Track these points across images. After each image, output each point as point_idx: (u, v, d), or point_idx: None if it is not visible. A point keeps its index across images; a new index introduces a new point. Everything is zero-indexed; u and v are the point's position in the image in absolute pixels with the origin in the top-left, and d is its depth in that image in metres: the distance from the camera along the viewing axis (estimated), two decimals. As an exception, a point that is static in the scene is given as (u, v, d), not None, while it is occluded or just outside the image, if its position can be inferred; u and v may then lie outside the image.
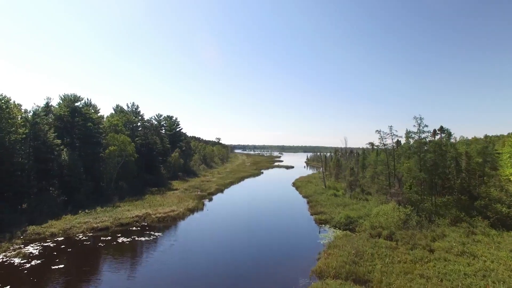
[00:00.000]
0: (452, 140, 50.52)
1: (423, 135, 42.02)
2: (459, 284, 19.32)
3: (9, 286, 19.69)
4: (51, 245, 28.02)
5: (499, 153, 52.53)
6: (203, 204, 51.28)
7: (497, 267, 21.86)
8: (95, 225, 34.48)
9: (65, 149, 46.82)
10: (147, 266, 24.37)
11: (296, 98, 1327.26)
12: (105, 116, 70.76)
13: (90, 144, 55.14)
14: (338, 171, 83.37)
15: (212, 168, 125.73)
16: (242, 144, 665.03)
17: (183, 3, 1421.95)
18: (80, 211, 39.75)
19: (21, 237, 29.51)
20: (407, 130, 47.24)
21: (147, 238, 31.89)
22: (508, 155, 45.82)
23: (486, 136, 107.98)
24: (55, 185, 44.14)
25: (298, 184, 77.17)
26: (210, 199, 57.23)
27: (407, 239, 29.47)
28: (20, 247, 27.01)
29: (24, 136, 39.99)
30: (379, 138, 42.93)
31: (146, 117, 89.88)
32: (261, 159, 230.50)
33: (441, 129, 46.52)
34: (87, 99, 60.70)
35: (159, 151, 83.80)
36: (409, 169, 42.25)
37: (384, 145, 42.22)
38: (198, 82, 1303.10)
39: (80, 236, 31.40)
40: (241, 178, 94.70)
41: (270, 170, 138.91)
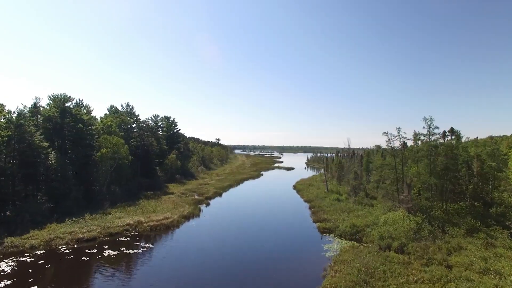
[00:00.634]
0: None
1: (433, 137, 39.51)
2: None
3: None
4: (28, 260, 25.38)
5: (505, 155, 49.86)
6: (200, 210, 48.65)
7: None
8: (81, 236, 31.84)
9: (53, 152, 44.16)
10: (133, 286, 21.76)
11: (296, 98, 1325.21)
12: (100, 117, 68.24)
13: (82, 147, 52.60)
14: (341, 174, 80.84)
15: (211, 170, 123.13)
16: (242, 145, 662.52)
17: (183, 3, 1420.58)
18: (67, 219, 37.10)
19: (-3, 251, 26.95)
20: (415, 132, 44.73)
21: (137, 251, 29.26)
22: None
23: (492, 137, 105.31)
24: (42, 191, 41.58)
25: (299, 187, 74.57)
26: (207, 204, 54.62)
27: (421, 252, 26.86)
28: (-7, 263, 24.44)
29: (7, 139, 37.34)
30: (387, 141, 40.42)
31: (143, 118, 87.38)
32: (261, 160, 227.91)
33: (451, 131, 43.95)
34: (79, 99, 58.22)
35: (156, 153, 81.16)
36: (418, 174, 39.65)
37: (392, 148, 39.61)
38: (198, 82, 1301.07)
39: (63, 249, 28.76)
40: (240, 181, 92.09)
41: (270, 172, 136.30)
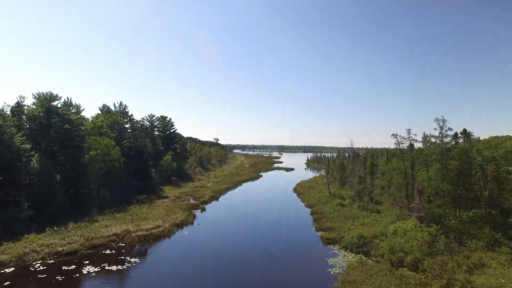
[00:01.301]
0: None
1: (446, 140, 36.55)
2: None
3: None
4: (-7, 282, 22.36)
5: None
6: (194, 217, 45.60)
7: None
8: (60, 249, 28.77)
9: (36, 155, 41.07)
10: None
11: (296, 98, 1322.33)
12: (91, 117, 65.18)
13: (71, 148, 49.62)
14: (343, 176, 77.86)
15: (209, 171, 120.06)
16: (242, 144, 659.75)
17: (182, 3, 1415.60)
18: (48, 229, 33.97)
19: (-38, 268, 23.89)
20: (425, 134, 41.75)
21: (120, 267, 26.21)
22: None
23: (497, 138, 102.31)
24: (23, 197, 38.50)
25: (300, 190, 71.56)
26: (203, 210, 51.56)
27: (438, 270, 23.91)
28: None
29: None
30: (395, 143, 37.47)
31: (139, 118, 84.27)
32: (260, 160, 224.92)
33: (464, 133, 40.99)
34: (67, 98, 55.10)
35: (150, 154, 78.15)
36: (429, 179, 36.69)
37: (401, 151, 36.64)
38: (198, 82, 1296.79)
39: (37, 265, 25.71)
40: (239, 183, 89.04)
41: (270, 173, 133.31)
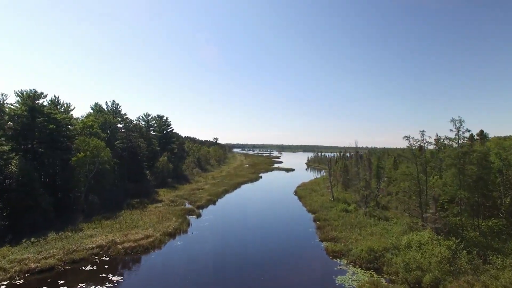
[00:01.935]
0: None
1: (461, 142, 33.39)
2: None
3: None
4: None
5: None
6: (189, 224, 42.40)
7: None
8: (34, 265, 25.51)
9: (16, 157, 37.81)
10: None
11: (296, 98, 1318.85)
12: (82, 116, 61.93)
13: (59, 150, 46.41)
14: (346, 178, 74.69)
15: (207, 172, 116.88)
16: (241, 144, 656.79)
17: (182, 2, 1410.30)
18: (25, 240, 30.78)
19: None
20: (437, 135, 38.60)
21: (99, 288, 23.02)
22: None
23: (505, 138, 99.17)
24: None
25: (301, 194, 68.36)
26: (198, 216, 48.32)
27: (464, 294, 20.74)
28: None
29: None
30: (408, 146, 34.26)
31: (134, 118, 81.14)
32: (260, 160, 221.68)
33: (481, 135, 37.77)
34: (54, 97, 51.73)
35: (144, 156, 74.97)
36: (444, 185, 33.51)
37: (415, 155, 33.43)
38: (197, 81, 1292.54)
39: (3, 287, 22.49)
40: (237, 185, 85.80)
41: (269, 174, 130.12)
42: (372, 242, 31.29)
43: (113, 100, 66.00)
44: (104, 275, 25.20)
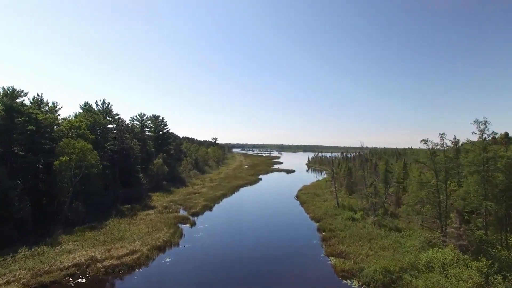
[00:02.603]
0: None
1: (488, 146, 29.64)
2: None
3: None
4: None
5: None
6: (181, 235, 38.64)
7: None
8: (-7, 292, 21.82)
9: (-11, 163, 34.11)
10: None
11: (296, 97, 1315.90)
12: (69, 116, 58.12)
13: (40, 153, 42.71)
14: (350, 181, 71.03)
15: (205, 174, 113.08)
16: (241, 143, 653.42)
17: (182, 2, 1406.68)
18: (-10, 258, 27.07)
19: None
20: (455, 138, 34.89)
21: (67, 323, 19.26)
22: None
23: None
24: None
25: (303, 198, 64.56)
26: (192, 224, 44.53)
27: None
28: None
29: None
30: (428, 151, 30.52)
31: (129, 117, 77.31)
32: (260, 161, 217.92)
33: (505, 137, 34.04)
34: (38, 95, 47.90)
35: (138, 157, 71.22)
36: (467, 194, 29.78)
37: (434, 161, 29.70)
38: (197, 81, 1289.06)
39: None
40: (236, 188, 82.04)
41: (269, 175, 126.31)
42: (386, 260, 27.58)
43: (104, 99, 62.19)
44: (76, 304, 21.46)
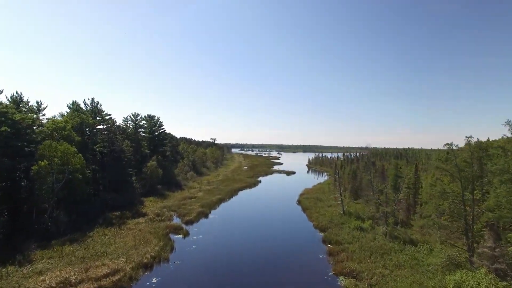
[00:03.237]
0: None
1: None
2: None
3: None
4: None
5: None
6: (172, 248, 34.73)
7: None
8: None
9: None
10: None
11: (296, 97, 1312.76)
12: (53, 117, 54.24)
13: (19, 157, 38.84)
14: (354, 185, 67.30)
15: (203, 176, 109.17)
16: (240, 143, 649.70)
17: (179, 2, 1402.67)
18: None
19: None
20: (479, 141, 31.05)
21: None
22: None
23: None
24: None
25: (306, 203, 60.70)
26: (185, 235, 40.63)
27: None
28: None
29: None
30: (450, 156, 26.79)
31: (122, 118, 73.34)
32: (259, 162, 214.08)
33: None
34: (16, 93, 43.95)
35: (132, 160, 67.41)
36: (498, 206, 25.97)
37: (459, 168, 25.85)
38: (197, 80, 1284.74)
39: None
40: (234, 192, 78.15)
41: (269, 177, 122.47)
42: (407, 284, 23.77)
43: (92, 98, 58.18)
44: None
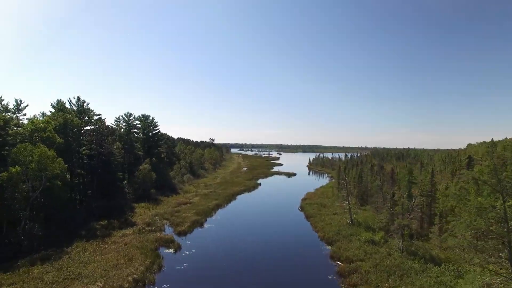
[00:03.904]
0: None
1: None
2: None
3: None
4: None
5: None
6: (160, 267, 30.40)
7: None
8: None
9: None
10: None
11: (295, 97, 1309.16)
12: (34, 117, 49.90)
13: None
14: (360, 189, 63.07)
15: (200, 178, 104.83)
16: (240, 143, 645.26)
17: (178, 2, 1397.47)
18: None
19: None
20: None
21: None
22: None
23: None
24: None
25: (309, 210, 56.38)
26: (177, 248, 36.22)
27: None
28: None
29: None
30: (490, 164, 22.49)
31: (113, 118, 69.17)
32: (259, 162, 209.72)
33: None
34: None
35: (124, 162, 63.21)
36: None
37: (500, 180, 21.55)
38: (197, 80, 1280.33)
39: None
40: (232, 196, 73.84)
41: (269, 179, 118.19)
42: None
43: (78, 97, 53.58)
44: None
